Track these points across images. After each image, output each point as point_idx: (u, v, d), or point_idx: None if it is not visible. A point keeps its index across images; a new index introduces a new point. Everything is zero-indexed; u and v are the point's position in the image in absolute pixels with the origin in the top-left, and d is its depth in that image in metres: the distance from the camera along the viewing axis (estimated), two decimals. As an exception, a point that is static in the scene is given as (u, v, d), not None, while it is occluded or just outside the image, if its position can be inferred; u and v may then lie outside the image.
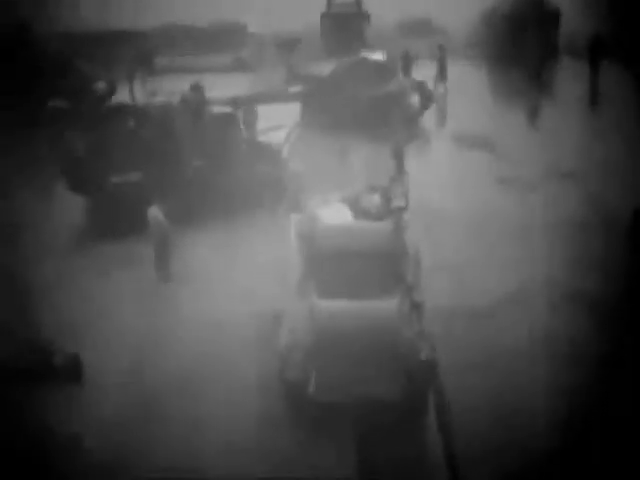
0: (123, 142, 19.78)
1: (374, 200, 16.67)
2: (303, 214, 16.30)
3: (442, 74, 27.95)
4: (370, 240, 14.72)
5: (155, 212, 17.33)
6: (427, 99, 25.76)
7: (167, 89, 22.74)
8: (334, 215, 16.02)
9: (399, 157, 19.50)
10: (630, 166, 21.69)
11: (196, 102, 20.76)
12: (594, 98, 26.27)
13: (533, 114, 26.32)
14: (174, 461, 12.42)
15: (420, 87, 25.71)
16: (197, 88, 21.04)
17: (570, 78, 28.74)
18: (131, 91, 27.48)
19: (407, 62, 28.20)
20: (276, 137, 21.48)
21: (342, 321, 13.26)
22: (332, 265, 14.16)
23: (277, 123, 22.00)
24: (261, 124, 22.70)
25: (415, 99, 25.43)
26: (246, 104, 22.94)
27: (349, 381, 12.66)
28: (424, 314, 14.02)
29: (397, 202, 16.62)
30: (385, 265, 14.24)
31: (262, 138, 21.58)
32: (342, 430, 12.68)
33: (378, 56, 26.67)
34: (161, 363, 14.74)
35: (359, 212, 16.39)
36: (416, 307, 13.82)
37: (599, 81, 26.88)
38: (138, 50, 29.21)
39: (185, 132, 20.29)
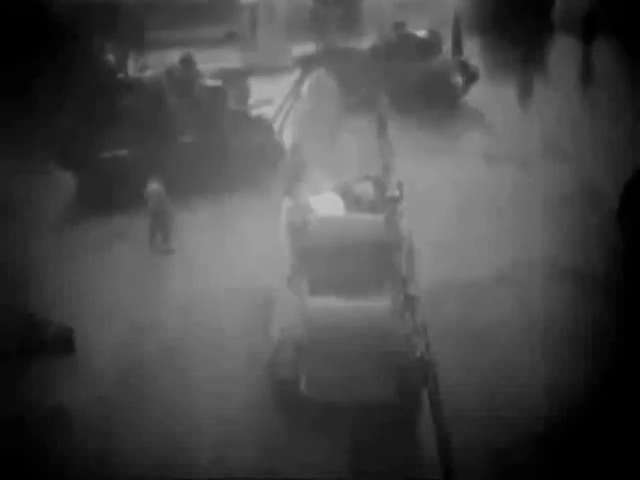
0: (114, 117, 19.63)
1: (367, 190, 16.20)
2: (295, 202, 15.74)
3: (458, 47, 27.30)
4: (363, 234, 14.36)
5: (155, 185, 17.39)
6: (471, 78, 25.01)
7: (158, 62, 22.51)
8: (326, 205, 15.62)
9: (383, 126, 19.08)
10: (622, 143, 21.59)
11: (183, 75, 20.59)
12: (587, 74, 26.12)
13: (526, 90, 26.17)
14: (162, 443, 12.44)
15: (463, 65, 25.03)
16: (187, 61, 20.84)
17: (564, 54, 28.57)
18: (123, 65, 27.19)
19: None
20: (267, 110, 21.29)
21: (334, 320, 12.98)
22: (324, 260, 13.84)
23: (268, 97, 21.78)
24: (253, 98, 22.54)
25: (459, 78, 24.78)
26: (238, 77, 22.74)
27: (341, 380, 12.45)
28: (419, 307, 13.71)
29: (391, 192, 15.93)
30: (379, 260, 13.91)
31: (253, 111, 21.40)
32: (335, 428, 12.45)
33: (422, 32, 25.83)
34: (152, 341, 14.76)
35: (351, 202, 15.92)
36: (411, 301, 13.43)
37: (593, 57, 26.73)
38: (129, 22, 28.93)
39: (174, 106, 20.14)
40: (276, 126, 20.93)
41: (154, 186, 17.49)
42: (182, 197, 18.48)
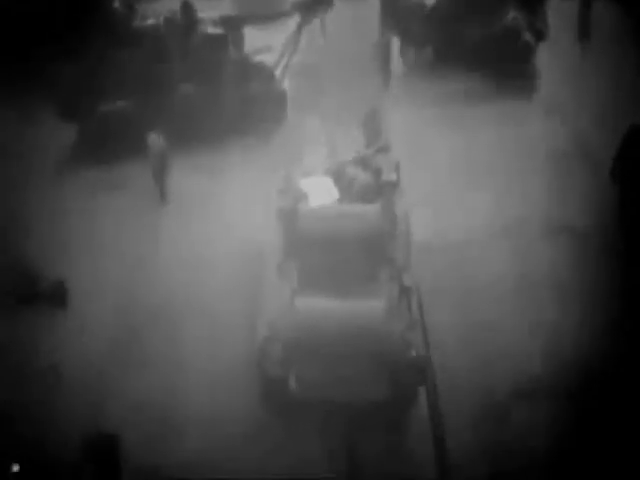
0: (115, 67, 19.51)
1: (361, 174, 15.31)
2: (285, 185, 15.13)
3: None
4: (357, 227, 13.80)
5: (155, 137, 17.38)
6: (540, 37, 24.05)
7: (158, 11, 22.31)
8: (318, 189, 14.98)
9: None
10: (618, 102, 21.65)
11: (184, 22, 20.44)
12: (585, 33, 26.05)
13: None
14: (151, 397, 12.68)
15: (531, 24, 24.05)
16: (187, 7, 20.67)
17: (564, 14, 28.43)
18: (132, 14, 26.72)
19: None
20: (268, 58, 21.18)
21: (323, 320, 12.59)
22: (315, 253, 13.39)
23: (268, 44, 21.65)
24: (250, 45, 22.35)
25: (529, 36, 23.68)
26: (235, 24, 22.52)
27: (331, 379, 12.16)
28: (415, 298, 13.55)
29: (387, 176, 15.16)
30: (373, 253, 13.47)
31: (254, 59, 21.25)
32: (328, 427, 12.31)
33: None
34: (146, 297, 14.92)
35: (345, 186, 15.13)
36: (406, 292, 13.09)
37: (591, 16, 26.65)
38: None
39: (175, 55, 20.01)
40: (277, 74, 20.85)
41: (155, 139, 17.48)
42: (182, 147, 18.42)
